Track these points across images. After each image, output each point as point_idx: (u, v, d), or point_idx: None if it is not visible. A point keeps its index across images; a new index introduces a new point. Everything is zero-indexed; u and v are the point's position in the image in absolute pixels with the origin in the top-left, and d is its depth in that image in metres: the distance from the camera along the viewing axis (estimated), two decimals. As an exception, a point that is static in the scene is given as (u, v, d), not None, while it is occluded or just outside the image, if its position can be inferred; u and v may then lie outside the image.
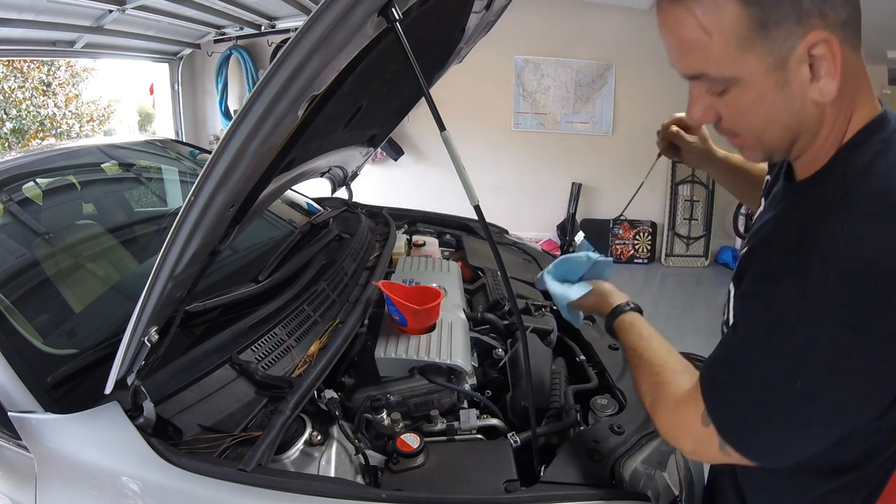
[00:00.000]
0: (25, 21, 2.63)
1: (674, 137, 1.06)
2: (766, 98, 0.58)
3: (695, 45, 0.57)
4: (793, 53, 0.54)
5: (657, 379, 0.76)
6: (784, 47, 0.54)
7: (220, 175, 0.70)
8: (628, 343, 0.85)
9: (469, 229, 2.17)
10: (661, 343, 0.82)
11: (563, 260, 1.01)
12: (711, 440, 0.63)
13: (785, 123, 0.60)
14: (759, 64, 0.56)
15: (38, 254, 1.30)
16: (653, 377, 0.77)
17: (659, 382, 0.75)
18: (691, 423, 0.66)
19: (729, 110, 0.61)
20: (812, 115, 0.59)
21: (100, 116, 7.09)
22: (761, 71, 0.56)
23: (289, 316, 1.22)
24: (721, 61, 0.57)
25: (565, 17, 4.61)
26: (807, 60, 0.55)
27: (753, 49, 0.55)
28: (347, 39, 0.68)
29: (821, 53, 0.54)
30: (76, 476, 0.86)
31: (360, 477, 0.92)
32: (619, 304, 0.91)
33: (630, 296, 0.94)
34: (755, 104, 0.59)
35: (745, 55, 0.56)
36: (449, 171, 0.83)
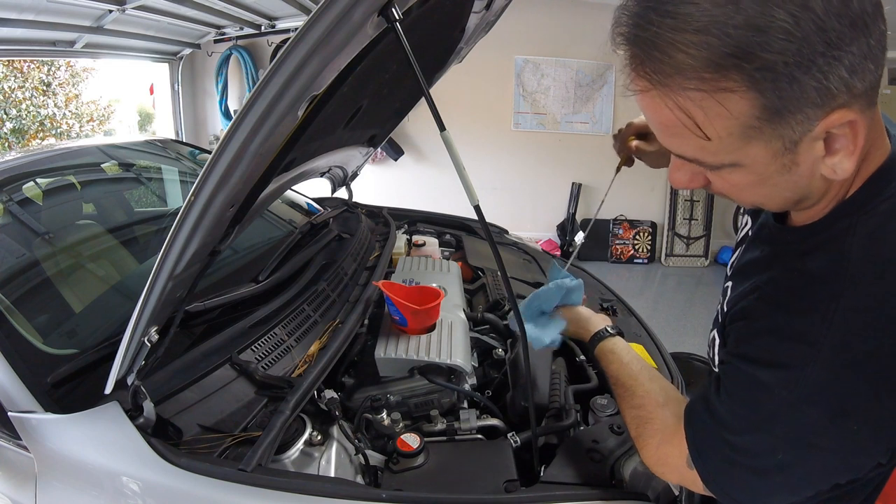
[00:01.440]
0: (25, 21, 2.63)
1: (635, 152, 0.98)
2: (769, 181, 0.51)
3: (682, 135, 0.48)
4: (806, 136, 0.46)
5: (640, 413, 0.74)
6: (796, 132, 0.46)
7: (220, 175, 0.70)
8: (609, 371, 0.83)
9: (469, 229, 2.17)
10: (643, 370, 0.80)
11: (532, 297, 0.98)
12: (696, 481, 0.63)
13: (786, 197, 0.54)
14: (764, 151, 0.47)
15: (38, 254, 1.30)
16: (636, 409, 0.75)
17: (643, 417, 0.74)
18: (676, 463, 0.66)
19: (722, 184, 0.54)
20: (819, 187, 0.52)
21: (100, 116, 7.09)
22: (767, 157, 0.48)
23: (289, 316, 1.22)
24: (718, 151, 0.49)
25: (565, 17, 4.61)
26: (822, 138, 0.46)
27: (760, 137, 0.46)
28: (347, 39, 0.68)
29: (841, 133, 0.46)
30: (76, 476, 0.86)
31: (360, 477, 0.92)
32: (598, 331, 0.89)
33: (609, 320, 0.93)
34: (755, 185, 0.52)
35: (749, 144, 0.47)
36: (449, 171, 0.83)
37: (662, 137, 0.52)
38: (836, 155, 0.47)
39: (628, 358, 0.83)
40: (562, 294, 0.97)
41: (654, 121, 0.51)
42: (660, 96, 0.47)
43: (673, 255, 4.96)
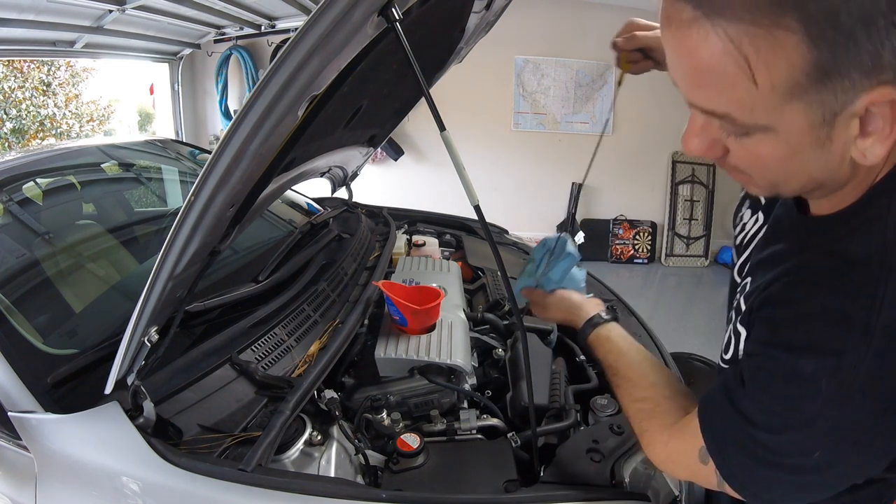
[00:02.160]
0: (25, 21, 2.63)
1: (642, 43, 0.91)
2: (798, 155, 0.46)
3: (722, 82, 0.43)
4: (847, 108, 0.42)
5: (645, 406, 0.70)
6: (839, 101, 0.42)
7: (220, 175, 0.70)
8: (607, 361, 0.78)
9: (469, 229, 2.17)
10: (645, 359, 0.75)
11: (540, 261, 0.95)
12: (710, 476, 0.59)
13: (809, 178, 0.49)
14: (802, 117, 0.43)
15: (38, 254, 1.30)
16: (639, 402, 0.70)
17: (648, 411, 0.69)
18: (688, 461, 0.61)
19: (744, 154, 0.49)
20: (844, 172, 0.48)
21: (100, 116, 7.09)
22: (803, 126, 0.44)
23: (289, 316, 1.22)
24: (755, 107, 0.43)
25: (565, 17, 4.61)
26: (860, 115, 0.43)
27: (802, 99, 0.42)
28: (347, 39, 0.68)
29: (880, 112, 0.42)
30: (76, 476, 0.86)
31: (360, 477, 0.92)
32: (592, 317, 0.83)
33: (602, 305, 0.88)
34: (782, 159, 0.47)
35: (790, 105, 0.42)
36: (449, 171, 0.83)
37: (691, 87, 0.46)
38: (868, 138, 0.44)
39: (626, 346, 0.78)
40: (572, 265, 0.92)
41: (689, 65, 0.44)
42: (709, 28, 0.41)
43: (673, 255, 4.96)
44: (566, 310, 0.89)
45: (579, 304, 0.88)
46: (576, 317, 0.87)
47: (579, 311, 0.87)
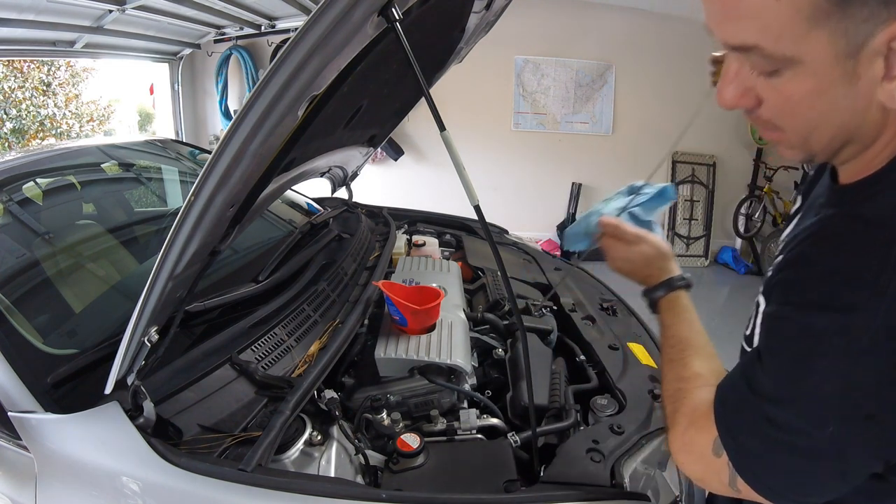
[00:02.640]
0: (25, 21, 2.63)
1: None
2: (827, 91, 0.47)
3: (751, 8, 0.45)
4: (869, 42, 0.43)
5: (682, 387, 0.66)
6: (860, 32, 0.43)
7: (220, 175, 0.70)
8: (671, 331, 0.73)
9: (469, 229, 2.17)
10: (706, 345, 0.70)
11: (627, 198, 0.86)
12: (721, 471, 0.56)
13: (840, 125, 0.50)
14: (827, 47, 0.44)
15: (38, 254, 1.30)
16: (680, 382, 0.67)
17: (683, 392, 0.66)
18: (702, 450, 0.58)
19: (776, 98, 0.50)
20: (874, 121, 0.49)
21: (100, 116, 7.10)
22: (829, 56, 0.45)
23: (289, 316, 1.22)
24: (782, 34, 0.45)
25: (565, 17, 4.61)
26: (883, 54, 0.44)
27: (826, 25, 0.43)
28: (347, 39, 0.68)
29: None
30: (76, 476, 0.86)
31: (360, 477, 0.92)
32: (673, 277, 0.77)
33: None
34: (811, 96, 0.48)
35: (814, 32, 0.44)
36: (449, 171, 0.83)
37: (723, 21, 0.48)
38: (894, 81, 0.44)
39: (696, 324, 0.72)
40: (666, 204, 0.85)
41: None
42: None
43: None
44: (646, 257, 0.79)
45: (666, 254, 0.78)
46: (656, 268, 0.78)
47: (663, 262, 0.78)
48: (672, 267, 0.78)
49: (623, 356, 1.26)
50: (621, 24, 4.53)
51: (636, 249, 0.81)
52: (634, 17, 4.47)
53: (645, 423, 1.02)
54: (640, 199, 0.83)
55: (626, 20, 4.50)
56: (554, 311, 1.48)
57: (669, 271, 0.78)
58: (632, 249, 0.82)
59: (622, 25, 4.53)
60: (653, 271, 0.78)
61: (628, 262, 0.82)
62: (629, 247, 0.82)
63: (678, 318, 0.74)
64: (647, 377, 1.19)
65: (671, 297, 0.76)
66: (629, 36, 4.55)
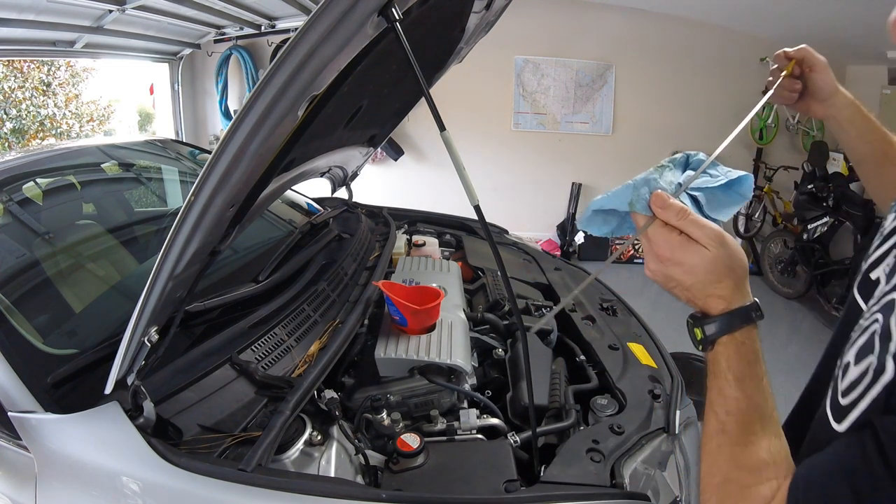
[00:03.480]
0: (25, 21, 2.62)
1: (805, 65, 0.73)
2: None
3: None
4: None
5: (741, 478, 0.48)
6: None
7: (220, 175, 0.70)
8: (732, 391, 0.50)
9: (469, 229, 2.17)
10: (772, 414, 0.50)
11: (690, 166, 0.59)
12: None
13: None
14: None
15: (38, 254, 1.30)
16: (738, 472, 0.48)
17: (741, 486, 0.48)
18: None
19: None
20: None
21: (100, 116, 7.09)
22: None
23: (289, 316, 1.22)
24: None
25: (565, 17, 4.61)
26: None
27: None
28: (347, 39, 0.68)
29: None
30: (76, 476, 0.86)
31: (360, 477, 0.92)
32: (750, 306, 0.51)
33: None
34: None
35: None
36: (449, 171, 0.83)
37: None
38: None
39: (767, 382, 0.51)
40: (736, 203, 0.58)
41: None
42: None
43: (673, 255, 4.96)
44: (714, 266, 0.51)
45: (744, 268, 0.52)
46: (724, 287, 0.51)
47: (737, 280, 0.51)
48: (747, 289, 0.52)
49: (623, 356, 1.27)
50: (621, 24, 4.53)
51: (701, 253, 0.51)
52: (634, 17, 4.46)
53: (645, 423, 1.02)
54: (707, 180, 0.56)
55: (626, 20, 4.50)
56: (554, 310, 1.48)
57: (743, 296, 0.51)
58: (693, 251, 0.51)
59: (622, 25, 4.53)
60: (717, 291, 0.51)
61: (682, 268, 0.52)
62: (688, 246, 0.51)
63: (748, 372, 0.50)
64: (647, 377, 1.19)
65: (741, 338, 0.50)
66: (629, 36, 4.55)
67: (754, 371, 0.51)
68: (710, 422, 0.52)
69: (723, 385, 0.51)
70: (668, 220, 0.53)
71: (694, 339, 0.54)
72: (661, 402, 1.11)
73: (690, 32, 4.46)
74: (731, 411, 0.50)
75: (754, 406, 0.50)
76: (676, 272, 0.53)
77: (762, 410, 0.50)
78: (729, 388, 0.50)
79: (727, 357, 0.51)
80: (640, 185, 0.55)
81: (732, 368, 0.51)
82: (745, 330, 0.51)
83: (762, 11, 3.85)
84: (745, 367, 0.50)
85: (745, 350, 0.51)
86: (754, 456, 0.48)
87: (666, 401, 1.12)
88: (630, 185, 0.55)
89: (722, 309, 0.52)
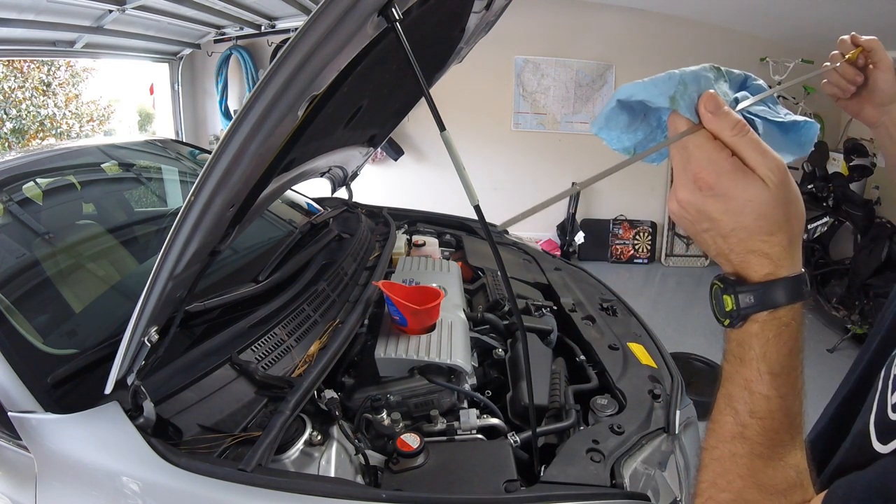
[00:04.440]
0: (25, 21, 2.62)
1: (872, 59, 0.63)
2: None
3: None
4: None
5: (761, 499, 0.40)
6: None
7: (220, 175, 0.70)
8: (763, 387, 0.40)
9: (469, 229, 2.17)
10: (801, 421, 0.41)
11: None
12: None
13: None
14: None
15: (38, 254, 1.30)
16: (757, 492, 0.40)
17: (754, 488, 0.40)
18: None
19: None
20: None
21: (100, 116, 7.09)
22: None
23: (289, 316, 1.22)
24: None
25: (565, 17, 4.61)
26: None
27: None
28: (347, 39, 0.68)
29: None
30: (76, 476, 0.86)
31: (360, 477, 0.92)
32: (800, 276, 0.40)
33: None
34: None
35: None
36: (449, 171, 0.83)
37: None
38: None
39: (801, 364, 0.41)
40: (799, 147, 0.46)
41: None
42: None
43: (673, 255, 4.96)
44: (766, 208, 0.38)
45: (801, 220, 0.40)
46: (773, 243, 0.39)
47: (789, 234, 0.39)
48: (799, 253, 0.40)
49: (623, 356, 1.27)
50: (621, 24, 4.53)
51: (756, 187, 0.38)
52: (634, 17, 4.46)
53: (645, 423, 1.02)
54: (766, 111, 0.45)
55: (626, 20, 4.50)
56: (554, 311, 1.48)
57: (793, 261, 0.40)
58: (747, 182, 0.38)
59: (622, 25, 4.53)
60: (764, 247, 0.39)
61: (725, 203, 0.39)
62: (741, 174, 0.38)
63: (787, 365, 0.40)
64: (647, 377, 1.19)
65: (786, 318, 0.39)
66: (629, 36, 4.55)
67: (793, 363, 0.40)
68: (725, 421, 0.41)
69: (751, 377, 0.40)
70: (720, 133, 0.38)
71: (719, 308, 0.40)
72: (661, 402, 1.11)
73: (690, 32, 4.46)
74: (758, 413, 0.39)
75: (786, 410, 0.39)
76: (716, 208, 0.39)
77: (793, 416, 0.40)
78: (760, 383, 0.39)
79: (764, 342, 0.39)
80: (689, 79, 0.41)
81: (768, 358, 0.39)
82: (791, 308, 0.39)
83: (762, 12, 3.85)
84: (785, 359, 0.39)
85: (788, 335, 0.39)
86: (780, 475, 0.39)
87: (666, 401, 1.12)
88: (676, 74, 0.41)
89: (766, 274, 0.39)
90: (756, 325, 0.40)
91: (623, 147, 0.45)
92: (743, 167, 0.38)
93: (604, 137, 0.45)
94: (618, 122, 0.44)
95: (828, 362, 3.03)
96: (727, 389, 0.41)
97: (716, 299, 0.41)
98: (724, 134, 0.38)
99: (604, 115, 0.43)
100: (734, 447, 0.40)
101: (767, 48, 4.17)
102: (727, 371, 0.42)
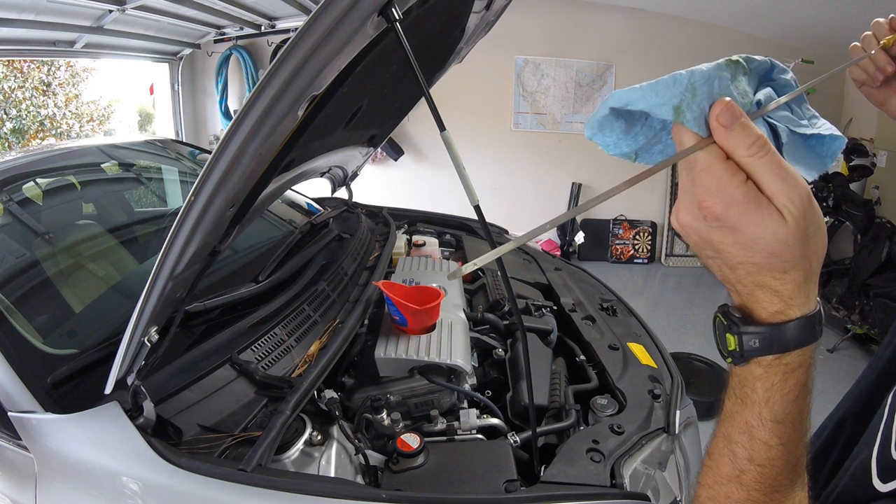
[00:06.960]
0: (25, 21, 2.63)
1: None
2: None
3: None
4: None
5: None
6: None
7: (220, 175, 0.70)
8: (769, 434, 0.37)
9: (469, 229, 2.17)
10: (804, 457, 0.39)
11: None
12: None
13: None
14: None
15: (38, 254, 1.30)
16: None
17: None
18: None
19: None
20: None
21: (100, 116, 7.09)
22: None
23: (289, 316, 1.22)
24: None
25: (565, 17, 4.61)
26: None
27: None
28: (347, 39, 0.68)
29: None
30: (76, 476, 0.86)
31: (360, 477, 0.92)
32: (814, 315, 0.36)
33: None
34: None
35: None
36: (449, 171, 0.83)
37: None
38: None
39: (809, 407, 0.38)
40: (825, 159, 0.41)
41: None
42: None
43: (673, 255, 4.96)
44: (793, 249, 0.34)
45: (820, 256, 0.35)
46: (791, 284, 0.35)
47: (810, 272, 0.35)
48: (815, 289, 0.36)
49: (623, 356, 1.27)
50: (621, 24, 4.53)
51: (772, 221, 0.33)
52: (634, 17, 4.46)
53: (645, 423, 1.02)
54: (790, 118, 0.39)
55: (626, 20, 4.50)
56: (554, 311, 1.48)
57: (807, 298, 0.36)
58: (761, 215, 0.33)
59: (622, 25, 4.53)
60: (775, 284, 0.35)
61: (734, 236, 0.34)
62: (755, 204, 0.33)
63: (791, 411, 0.36)
64: (647, 377, 1.19)
65: (794, 363, 0.36)
66: (629, 36, 4.55)
67: (800, 408, 0.36)
68: (723, 462, 0.38)
69: (753, 423, 0.36)
70: (733, 152, 0.33)
71: (722, 344, 0.37)
72: (661, 402, 1.11)
73: (690, 32, 4.46)
74: (757, 461, 0.37)
75: (787, 457, 0.36)
76: (722, 240, 0.34)
77: (795, 461, 0.37)
78: (762, 429, 0.36)
79: (768, 386, 0.36)
80: (699, 83, 0.35)
81: (772, 404, 0.36)
82: (801, 351, 0.35)
83: (763, 12, 3.85)
84: (790, 405, 0.36)
85: (795, 381, 0.35)
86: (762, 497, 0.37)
87: (666, 401, 1.12)
88: (682, 77, 0.34)
89: (775, 312, 0.35)
90: (761, 368, 0.36)
91: (622, 153, 0.40)
92: (758, 197, 0.32)
93: (598, 143, 0.39)
94: (613, 127, 0.38)
95: (828, 362, 3.03)
96: (726, 429, 0.38)
97: (718, 334, 0.38)
98: (738, 153, 0.32)
99: (596, 120, 0.38)
100: (730, 490, 0.38)
101: (767, 48, 4.17)
102: (728, 408, 0.38)
